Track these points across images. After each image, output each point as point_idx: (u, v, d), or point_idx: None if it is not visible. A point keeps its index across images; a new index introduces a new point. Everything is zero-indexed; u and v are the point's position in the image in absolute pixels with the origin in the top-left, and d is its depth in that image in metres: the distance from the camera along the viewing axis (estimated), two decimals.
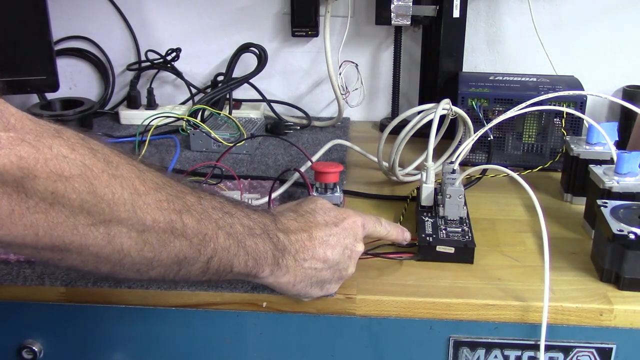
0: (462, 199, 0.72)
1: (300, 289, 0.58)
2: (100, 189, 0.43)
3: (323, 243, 0.58)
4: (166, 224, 0.46)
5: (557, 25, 1.09)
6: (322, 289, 0.60)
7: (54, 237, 0.42)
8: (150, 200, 0.45)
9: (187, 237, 0.48)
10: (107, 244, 0.44)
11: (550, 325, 0.61)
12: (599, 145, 0.81)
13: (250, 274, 0.54)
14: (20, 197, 0.40)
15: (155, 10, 1.15)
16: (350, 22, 1.11)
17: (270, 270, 0.55)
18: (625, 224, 0.62)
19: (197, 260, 0.49)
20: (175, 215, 0.47)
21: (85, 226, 0.43)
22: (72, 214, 0.42)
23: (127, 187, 0.44)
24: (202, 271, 0.50)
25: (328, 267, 0.58)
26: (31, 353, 0.68)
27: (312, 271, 0.57)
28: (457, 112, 0.82)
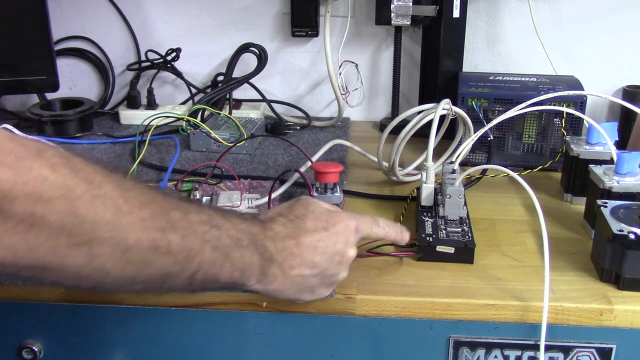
0: (462, 199, 0.72)
1: (289, 295, 0.58)
2: (82, 210, 0.42)
3: (311, 249, 0.56)
4: (149, 242, 0.46)
5: (557, 25, 1.09)
6: (313, 294, 0.59)
7: (33, 258, 0.42)
8: (133, 219, 0.45)
9: (172, 253, 0.47)
10: (88, 263, 0.44)
11: (550, 325, 0.61)
12: (599, 145, 0.81)
13: (237, 283, 0.54)
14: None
15: (155, 10, 1.15)
16: (350, 22, 1.11)
17: (257, 279, 0.54)
18: (625, 224, 0.62)
19: (181, 275, 0.49)
20: (159, 233, 0.47)
21: (65, 247, 0.43)
22: (52, 235, 0.42)
23: (110, 206, 0.44)
24: (187, 284, 0.50)
25: (317, 274, 0.57)
26: (31, 353, 0.68)
27: (300, 278, 0.57)
28: (457, 112, 0.82)
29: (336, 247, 0.58)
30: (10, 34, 0.97)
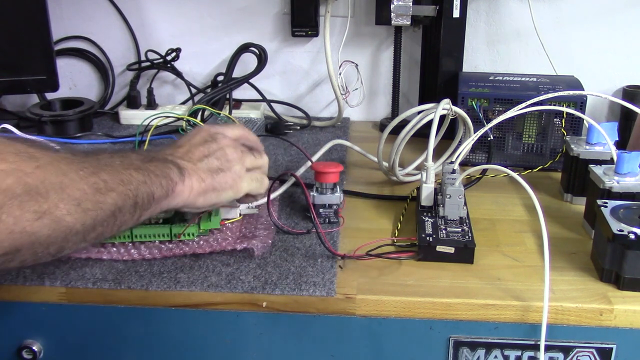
0: (462, 199, 0.72)
1: (209, 182, 0.64)
2: (34, 185, 0.46)
3: (198, 144, 0.66)
4: (92, 188, 0.51)
5: (557, 25, 1.09)
6: (225, 174, 0.65)
7: (5, 247, 0.46)
8: (71, 175, 0.50)
9: (113, 189, 0.53)
10: (54, 230, 0.48)
11: (550, 325, 0.61)
12: (599, 145, 0.81)
13: (168, 193, 0.59)
14: None
15: (155, 10, 1.15)
16: (350, 22, 1.11)
17: (179, 178, 0.61)
18: (625, 224, 0.62)
19: (126, 204, 0.54)
20: (94, 177, 0.52)
21: (31, 223, 0.46)
22: (16, 219, 0.45)
23: (51, 172, 0.48)
24: (133, 211, 0.56)
25: (213, 155, 0.65)
26: (31, 353, 0.68)
27: (205, 162, 0.65)
28: (457, 112, 0.82)
29: (221, 142, 0.67)
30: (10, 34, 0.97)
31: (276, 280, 0.64)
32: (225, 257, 0.69)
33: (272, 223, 0.74)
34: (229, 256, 0.69)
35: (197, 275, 0.65)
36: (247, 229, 0.73)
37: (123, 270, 0.66)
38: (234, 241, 0.70)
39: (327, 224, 0.75)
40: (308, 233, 0.74)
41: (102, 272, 0.66)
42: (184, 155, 0.65)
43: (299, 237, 0.73)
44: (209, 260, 0.68)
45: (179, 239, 0.70)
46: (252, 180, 0.69)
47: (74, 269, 0.67)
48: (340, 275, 0.66)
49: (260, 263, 0.68)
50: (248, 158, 0.69)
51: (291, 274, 0.66)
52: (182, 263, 0.68)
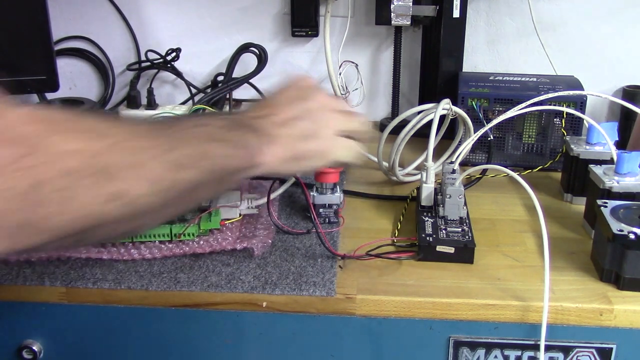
0: (462, 198, 0.72)
1: (295, 150, 0.59)
2: (105, 166, 0.44)
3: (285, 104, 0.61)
4: (169, 166, 0.48)
5: (557, 25, 1.09)
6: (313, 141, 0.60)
7: (76, 228, 0.43)
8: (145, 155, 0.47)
9: (192, 165, 0.49)
10: (128, 210, 0.45)
11: (550, 325, 0.61)
12: (599, 145, 0.81)
13: (251, 163, 0.56)
14: (34, 208, 0.40)
15: (155, 10, 1.15)
16: (350, 22, 1.11)
17: (258, 146, 0.56)
18: (625, 224, 0.62)
19: (205, 179, 0.51)
20: (170, 154, 0.48)
21: (102, 206, 0.44)
22: (86, 202, 0.43)
23: (123, 153, 0.45)
24: (211, 187, 0.53)
25: (302, 118, 0.60)
26: (31, 353, 0.68)
27: (291, 126, 0.59)
28: (457, 112, 0.82)
29: (310, 103, 0.62)
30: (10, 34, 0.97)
31: (276, 280, 0.64)
32: (225, 257, 0.69)
33: (272, 223, 0.74)
34: (229, 256, 0.69)
35: (197, 275, 0.65)
36: (247, 229, 0.73)
37: (123, 270, 0.66)
38: (234, 241, 0.70)
39: (327, 224, 0.75)
40: (308, 233, 0.74)
41: (102, 272, 0.66)
42: (273, 117, 0.60)
43: (299, 237, 0.73)
44: (209, 260, 0.68)
45: (179, 239, 0.70)
46: (342, 148, 0.63)
47: (74, 269, 0.67)
48: (340, 275, 0.66)
49: (260, 263, 0.68)
50: (339, 120, 0.63)
51: (291, 274, 0.66)
52: (182, 263, 0.68)
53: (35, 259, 0.67)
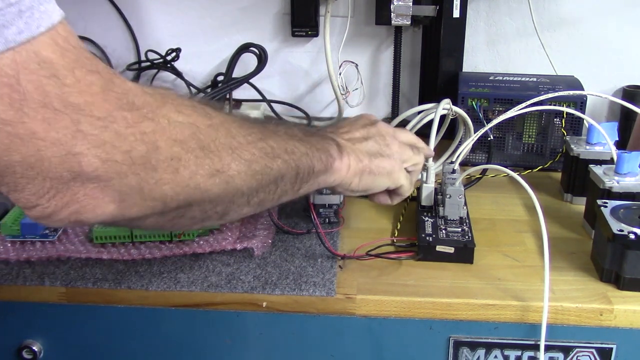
0: (462, 198, 0.72)
1: (367, 164, 0.63)
2: (207, 142, 0.46)
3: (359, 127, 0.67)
4: (260, 152, 0.51)
5: (557, 25, 1.09)
6: (383, 159, 0.65)
7: (180, 200, 0.45)
8: (240, 138, 0.50)
9: (279, 155, 0.53)
10: (224, 189, 0.48)
11: (550, 325, 0.61)
12: (599, 145, 0.81)
13: (327, 168, 0.59)
14: (147, 172, 0.42)
15: (155, 10, 1.15)
16: (350, 22, 1.10)
17: (338, 154, 0.60)
18: (625, 224, 0.62)
19: (289, 173, 0.54)
20: (262, 142, 0.52)
21: (204, 180, 0.46)
22: (192, 173, 0.45)
23: (223, 133, 0.48)
24: (292, 182, 0.56)
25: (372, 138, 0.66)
26: (31, 353, 0.68)
27: (363, 145, 0.64)
28: (458, 112, 0.82)
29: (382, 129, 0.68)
30: None
31: (276, 280, 0.64)
32: (225, 257, 0.69)
33: (272, 223, 0.74)
34: (229, 256, 0.69)
35: (197, 275, 0.65)
36: (247, 229, 0.73)
37: (123, 270, 0.66)
38: (234, 241, 0.70)
39: (327, 224, 0.75)
40: (308, 233, 0.74)
41: (102, 272, 0.66)
42: (344, 135, 0.65)
43: (299, 237, 0.73)
44: (209, 260, 0.68)
45: (179, 239, 0.70)
46: (405, 177, 0.68)
47: (74, 269, 0.67)
48: (340, 275, 0.66)
49: (260, 263, 0.68)
50: (407, 152, 0.68)
51: (291, 274, 0.66)
52: (182, 263, 0.68)
53: (35, 259, 0.67)
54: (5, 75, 0.36)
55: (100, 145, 0.39)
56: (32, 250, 0.68)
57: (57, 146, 0.38)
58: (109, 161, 0.40)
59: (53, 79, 0.38)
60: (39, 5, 0.38)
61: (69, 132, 0.38)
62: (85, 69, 0.39)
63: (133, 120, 0.41)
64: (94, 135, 0.39)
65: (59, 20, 0.39)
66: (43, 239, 0.70)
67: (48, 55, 0.37)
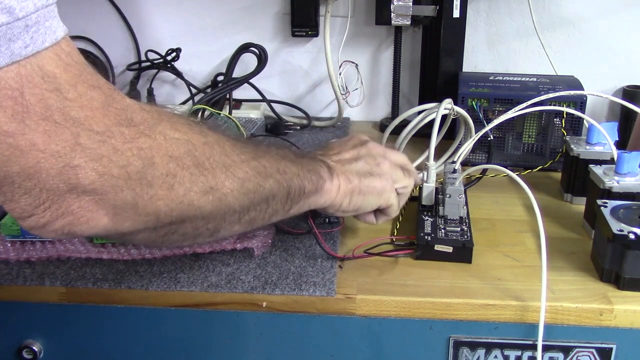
0: (462, 198, 0.72)
1: (357, 184, 0.63)
2: (202, 160, 0.47)
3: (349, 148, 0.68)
4: (253, 171, 0.52)
5: (557, 25, 1.09)
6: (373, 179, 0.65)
7: (173, 216, 0.46)
8: (234, 157, 0.51)
9: (271, 175, 0.54)
10: (217, 207, 0.49)
11: (550, 325, 0.61)
12: (599, 145, 0.81)
13: (317, 189, 0.60)
14: (143, 188, 0.43)
15: (155, 10, 1.15)
16: (350, 22, 1.11)
17: (328, 175, 0.61)
18: (625, 224, 0.62)
19: (280, 193, 0.55)
20: (255, 162, 0.53)
21: (198, 196, 0.47)
22: (186, 190, 0.46)
23: (217, 151, 0.49)
24: (283, 202, 0.56)
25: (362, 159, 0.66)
26: (31, 353, 0.68)
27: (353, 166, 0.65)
28: (459, 112, 0.82)
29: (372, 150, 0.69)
30: None
31: (276, 280, 0.64)
32: (225, 257, 0.69)
33: (272, 223, 0.74)
34: (229, 256, 0.69)
35: (197, 275, 0.65)
36: None
37: (123, 270, 0.66)
38: (234, 241, 0.70)
39: (327, 224, 0.75)
40: (308, 233, 0.74)
41: (102, 272, 0.66)
42: (334, 157, 0.66)
43: (299, 237, 0.73)
44: (209, 260, 0.68)
45: None
46: (395, 197, 0.68)
47: (74, 269, 0.67)
48: (340, 275, 0.66)
49: (260, 263, 0.68)
50: (398, 172, 0.68)
51: (291, 274, 0.66)
52: (182, 263, 0.68)
53: (35, 259, 0.67)
54: (10, 88, 0.37)
55: (97, 159, 0.40)
56: (32, 250, 0.68)
57: (55, 158, 0.39)
58: (105, 175, 0.41)
59: (55, 93, 0.38)
60: (45, 21, 0.38)
61: (68, 145, 0.39)
62: (87, 84, 0.40)
63: (130, 136, 0.42)
64: (92, 149, 0.40)
65: (62, 36, 0.40)
66: (43, 239, 0.70)
67: (52, 70, 0.38)
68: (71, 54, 0.40)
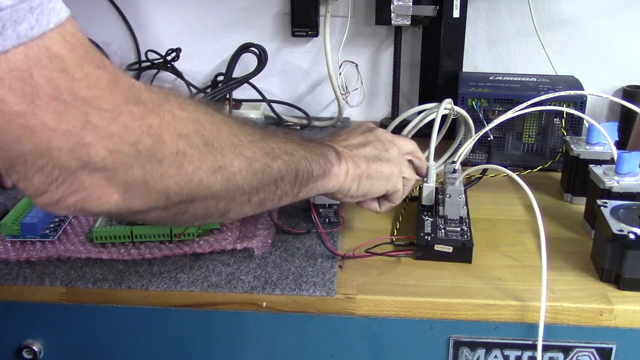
0: (462, 198, 0.72)
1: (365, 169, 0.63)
2: (210, 139, 0.47)
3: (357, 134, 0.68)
4: (262, 151, 0.52)
5: (557, 25, 1.09)
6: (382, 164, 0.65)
7: (183, 195, 0.46)
8: (242, 137, 0.50)
9: (279, 156, 0.54)
10: (226, 186, 0.49)
11: (550, 325, 0.61)
12: (599, 145, 0.81)
13: (325, 173, 0.59)
14: (153, 166, 0.43)
15: (155, 10, 1.15)
16: (350, 22, 1.11)
17: (337, 162, 0.61)
18: (625, 224, 0.62)
19: (288, 174, 0.55)
20: (262, 142, 0.52)
21: (207, 175, 0.47)
22: (195, 168, 0.46)
23: (224, 130, 0.49)
24: (292, 184, 0.56)
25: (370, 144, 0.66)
26: (31, 353, 0.68)
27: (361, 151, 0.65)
28: (459, 112, 0.82)
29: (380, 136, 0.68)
30: None
31: (276, 280, 0.65)
32: (225, 257, 0.69)
33: (272, 223, 0.74)
34: (229, 256, 0.69)
35: (197, 275, 0.65)
36: (247, 229, 0.73)
37: (123, 270, 0.66)
38: (234, 241, 0.70)
39: (327, 224, 0.75)
40: (308, 233, 0.74)
41: (102, 272, 0.66)
42: (342, 142, 0.65)
43: (299, 237, 0.73)
44: (209, 260, 0.68)
45: (179, 239, 0.70)
46: (402, 183, 0.68)
47: (74, 269, 0.67)
48: (340, 275, 0.66)
49: (260, 263, 0.68)
50: (404, 163, 0.69)
51: (291, 274, 0.66)
52: (182, 263, 0.68)
53: (35, 259, 0.67)
54: (18, 70, 0.37)
55: (108, 136, 0.41)
56: (32, 250, 0.68)
57: (67, 137, 0.39)
58: (116, 152, 0.41)
59: (63, 73, 0.39)
60: (48, 3, 0.39)
61: (78, 124, 0.40)
62: (93, 64, 0.41)
63: (139, 114, 0.42)
64: (102, 127, 0.40)
65: (66, 17, 0.41)
66: (43, 239, 0.70)
67: (58, 51, 0.39)
68: (76, 34, 0.41)
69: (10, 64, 0.37)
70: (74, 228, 0.73)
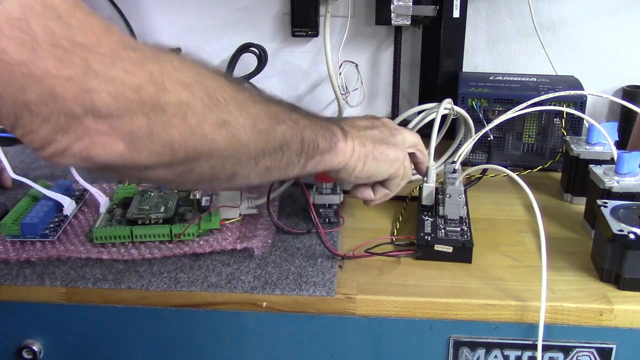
0: (462, 198, 0.72)
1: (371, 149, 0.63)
2: (213, 92, 0.46)
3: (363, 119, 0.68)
4: (266, 113, 0.51)
5: (557, 25, 1.09)
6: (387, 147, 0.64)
7: (188, 149, 0.45)
8: (245, 95, 0.50)
9: (283, 121, 0.53)
10: (231, 143, 0.48)
11: (550, 325, 0.61)
12: (599, 145, 0.81)
13: (331, 147, 0.59)
14: (156, 114, 0.43)
15: (155, 10, 1.15)
16: (350, 22, 1.11)
17: (343, 138, 0.60)
18: (625, 224, 0.62)
19: (294, 141, 0.54)
20: (266, 105, 0.52)
21: (212, 129, 0.46)
22: (199, 121, 0.45)
23: (227, 86, 0.48)
24: (298, 153, 0.55)
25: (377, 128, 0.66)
26: (31, 353, 0.68)
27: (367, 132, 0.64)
28: (459, 112, 0.82)
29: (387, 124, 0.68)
30: None
31: (276, 280, 0.65)
32: (225, 257, 0.69)
33: (272, 223, 0.74)
34: (229, 256, 0.69)
35: (197, 275, 0.65)
36: (247, 229, 0.73)
37: (123, 270, 0.66)
38: (234, 241, 0.70)
39: (327, 224, 0.75)
40: (308, 233, 0.74)
41: (102, 272, 0.66)
42: (348, 123, 0.65)
43: (299, 237, 0.73)
44: (209, 260, 0.68)
45: (179, 239, 0.70)
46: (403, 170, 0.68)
47: (74, 269, 0.67)
48: (340, 275, 0.66)
49: (260, 263, 0.68)
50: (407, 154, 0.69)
51: (291, 274, 0.66)
52: (182, 263, 0.68)
53: (35, 259, 0.67)
54: (15, 19, 0.38)
55: (110, 81, 0.41)
56: (32, 250, 0.68)
57: (70, 83, 0.40)
58: (119, 98, 0.41)
59: (58, 21, 0.40)
60: None
61: (80, 70, 0.40)
62: (84, 11, 0.41)
63: (138, 60, 0.42)
64: (103, 72, 0.41)
65: None
66: (43, 239, 0.70)
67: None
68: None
69: (6, 14, 0.38)
70: (73, 228, 0.73)
